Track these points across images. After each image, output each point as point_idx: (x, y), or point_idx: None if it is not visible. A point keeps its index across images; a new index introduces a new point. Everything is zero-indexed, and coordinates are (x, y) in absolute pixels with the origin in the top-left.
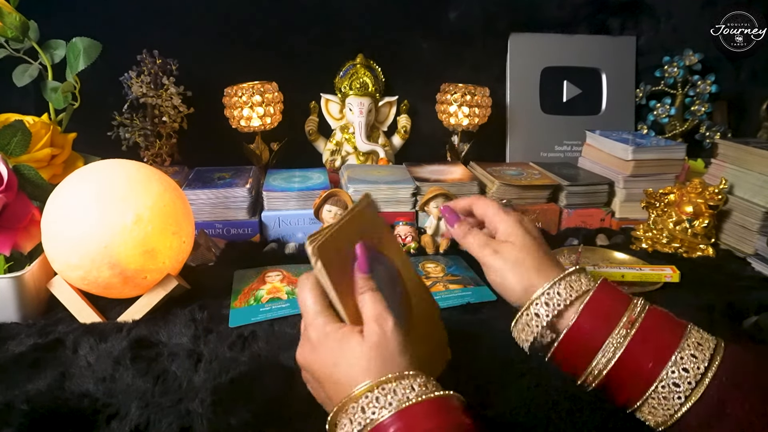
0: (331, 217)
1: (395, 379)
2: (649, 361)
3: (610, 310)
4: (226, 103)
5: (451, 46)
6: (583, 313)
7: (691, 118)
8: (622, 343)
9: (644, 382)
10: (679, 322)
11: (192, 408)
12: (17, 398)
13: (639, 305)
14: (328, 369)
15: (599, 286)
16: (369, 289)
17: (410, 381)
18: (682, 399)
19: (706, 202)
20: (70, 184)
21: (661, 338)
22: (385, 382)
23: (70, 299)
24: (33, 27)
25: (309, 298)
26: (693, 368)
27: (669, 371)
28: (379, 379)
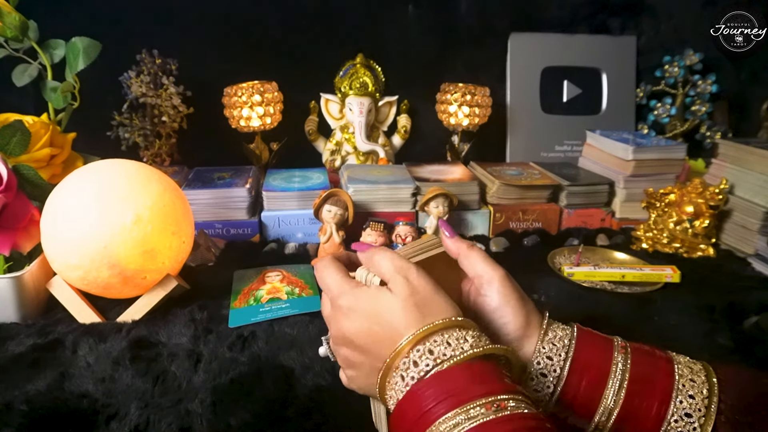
0: (330, 217)
1: (444, 328)
2: (653, 406)
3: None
4: (226, 103)
5: (451, 46)
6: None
7: (692, 118)
8: (618, 398)
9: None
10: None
11: (192, 408)
12: (17, 398)
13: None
14: (367, 331)
15: (578, 338)
16: (382, 250)
17: (462, 332)
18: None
19: (706, 202)
20: (70, 184)
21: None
22: (433, 331)
23: (70, 299)
24: (33, 27)
25: (331, 273)
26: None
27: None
28: (422, 327)
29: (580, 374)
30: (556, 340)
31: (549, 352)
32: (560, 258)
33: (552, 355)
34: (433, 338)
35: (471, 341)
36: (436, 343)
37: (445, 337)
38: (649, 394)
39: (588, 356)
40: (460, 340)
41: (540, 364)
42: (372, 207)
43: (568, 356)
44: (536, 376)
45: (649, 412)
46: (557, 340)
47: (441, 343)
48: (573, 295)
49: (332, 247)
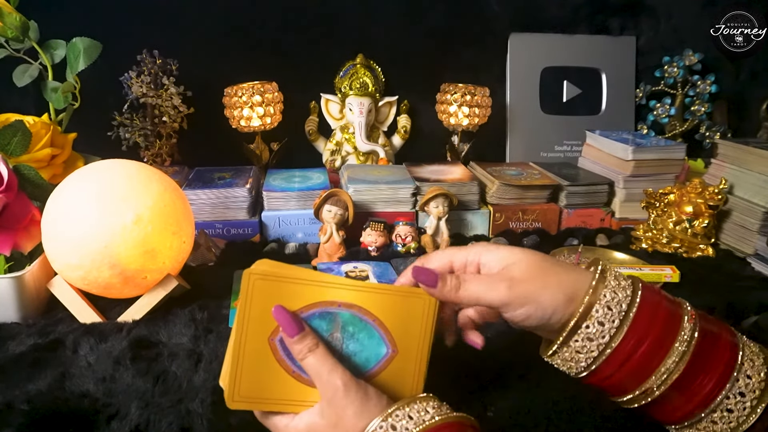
0: (331, 217)
1: (406, 404)
2: (707, 384)
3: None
4: (226, 103)
5: (451, 46)
6: (632, 332)
7: (691, 118)
8: (677, 366)
9: (701, 403)
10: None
11: (192, 408)
12: (17, 398)
13: (689, 320)
14: None
15: (643, 295)
16: (307, 350)
17: (423, 404)
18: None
19: (706, 202)
20: (70, 184)
21: (716, 359)
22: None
23: (70, 299)
24: (33, 27)
25: (265, 422)
26: (749, 392)
27: (726, 395)
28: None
29: (638, 341)
30: (618, 288)
31: (602, 317)
32: (560, 258)
33: (605, 321)
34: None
35: (432, 411)
36: (397, 418)
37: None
38: (709, 368)
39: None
40: (421, 411)
41: (590, 328)
42: (372, 207)
43: (623, 323)
44: (593, 324)
45: (705, 387)
46: (620, 289)
47: (403, 417)
48: None
49: (332, 247)
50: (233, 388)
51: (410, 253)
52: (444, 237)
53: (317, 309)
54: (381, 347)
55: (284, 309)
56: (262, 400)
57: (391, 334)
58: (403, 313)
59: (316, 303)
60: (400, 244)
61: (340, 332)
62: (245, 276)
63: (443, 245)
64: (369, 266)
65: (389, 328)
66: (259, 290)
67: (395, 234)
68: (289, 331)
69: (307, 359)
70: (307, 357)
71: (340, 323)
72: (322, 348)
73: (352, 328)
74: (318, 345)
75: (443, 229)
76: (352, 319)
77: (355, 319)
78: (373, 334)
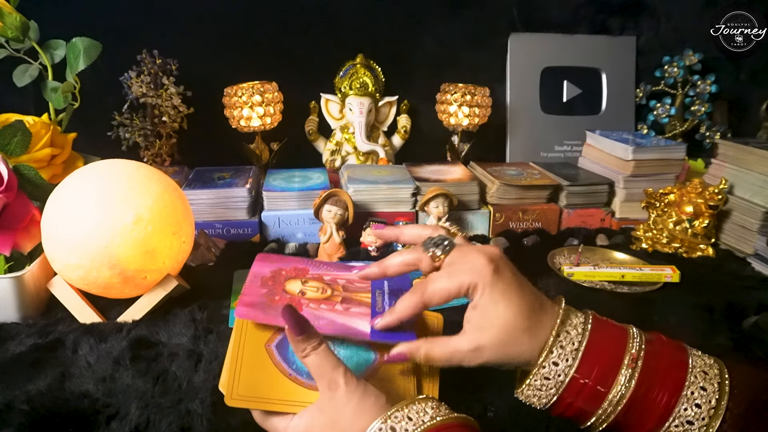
0: (331, 217)
1: (405, 405)
2: (662, 398)
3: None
4: (226, 103)
5: (451, 46)
6: (585, 360)
7: (691, 118)
8: (629, 384)
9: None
10: (680, 356)
11: (192, 408)
12: (17, 398)
13: (637, 339)
14: None
15: (593, 326)
16: (311, 348)
17: (422, 405)
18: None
19: (706, 202)
20: (70, 184)
21: (668, 371)
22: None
23: (70, 299)
24: (33, 27)
25: (264, 423)
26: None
27: (682, 408)
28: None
29: (593, 362)
30: (571, 328)
31: (563, 340)
32: (560, 258)
33: (566, 344)
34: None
35: (431, 412)
36: (396, 419)
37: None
38: (659, 384)
39: (602, 344)
40: (420, 413)
41: (553, 353)
42: (372, 207)
43: (581, 344)
44: (548, 365)
45: (660, 402)
46: (572, 328)
47: (402, 418)
48: (572, 295)
49: (332, 247)
50: (232, 387)
51: None
52: None
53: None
54: (369, 353)
55: (292, 308)
56: (259, 399)
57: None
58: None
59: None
60: (400, 244)
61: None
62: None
63: None
64: None
65: None
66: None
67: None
68: (295, 330)
69: (310, 357)
70: (310, 355)
71: None
72: (325, 346)
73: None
74: (321, 344)
75: None
76: None
77: None
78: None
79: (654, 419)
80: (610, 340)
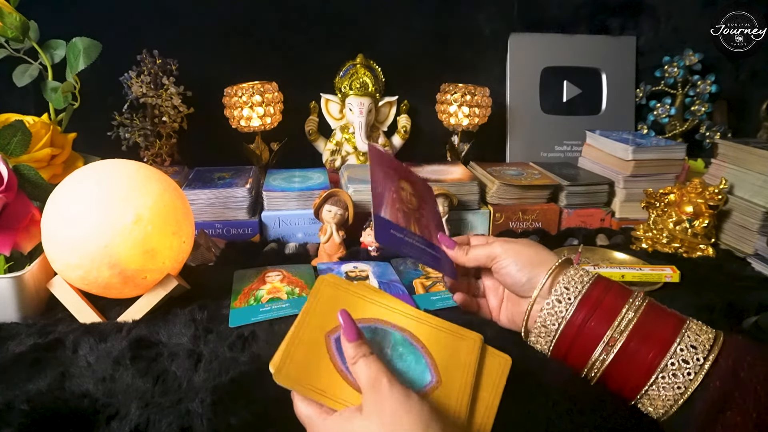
0: (331, 217)
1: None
2: (648, 353)
3: (608, 305)
4: (226, 103)
5: (451, 46)
6: (581, 307)
7: (691, 118)
8: (620, 336)
9: (645, 373)
10: (679, 316)
11: (192, 408)
12: (17, 398)
13: (638, 299)
14: None
15: (595, 280)
16: (361, 355)
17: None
18: (683, 389)
19: (706, 202)
20: (70, 184)
21: (660, 331)
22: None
23: (70, 299)
24: (33, 27)
25: (302, 408)
26: (692, 359)
27: (668, 362)
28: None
29: (590, 310)
30: (571, 285)
31: (560, 296)
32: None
33: (562, 299)
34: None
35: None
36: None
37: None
38: (652, 339)
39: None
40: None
41: (550, 305)
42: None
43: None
44: (552, 302)
45: (647, 355)
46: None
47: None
48: None
49: (332, 247)
50: (283, 365)
51: None
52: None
53: (374, 324)
54: (426, 374)
55: (348, 313)
56: (305, 385)
57: (436, 364)
58: (450, 350)
59: (374, 318)
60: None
61: (391, 349)
62: (318, 279)
63: None
64: (369, 266)
65: (435, 359)
66: (326, 293)
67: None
68: (349, 335)
69: (358, 363)
70: (358, 362)
71: (392, 341)
72: (374, 357)
73: (402, 349)
74: (371, 353)
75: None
76: (402, 341)
77: (406, 342)
78: (420, 360)
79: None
80: (612, 290)
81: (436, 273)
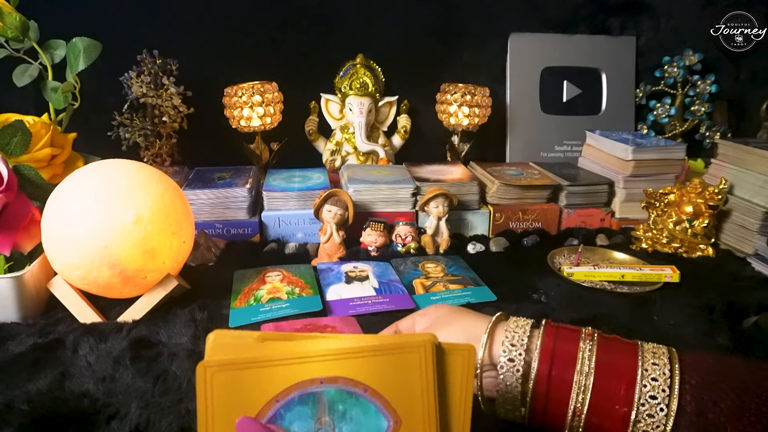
0: (331, 217)
1: None
2: (620, 387)
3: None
4: (226, 103)
5: (451, 46)
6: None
7: (691, 118)
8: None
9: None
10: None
11: (192, 408)
12: (17, 398)
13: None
14: None
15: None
16: None
17: None
18: (665, 410)
19: (706, 202)
20: (71, 184)
21: (621, 362)
22: None
23: (70, 299)
24: (33, 27)
25: None
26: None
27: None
28: None
29: (549, 363)
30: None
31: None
32: (560, 258)
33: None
34: None
35: None
36: None
37: None
38: (615, 377)
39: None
40: None
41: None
42: (372, 207)
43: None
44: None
45: (618, 393)
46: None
47: None
48: (573, 295)
49: (332, 247)
50: None
51: (410, 253)
52: (444, 237)
53: (296, 392)
54: (380, 421)
55: (249, 421)
56: None
57: (389, 402)
58: (398, 374)
59: (292, 386)
60: (400, 244)
61: (328, 414)
62: (200, 370)
63: (443, 245)
64: (369, 266)
65: (385, 395)
66: (220, 385)
67: (395, 234)
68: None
69: None
70: None
71: (327, 403)
72: None
73: (342, 407)
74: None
75: (443, 229)
76: (339, 396)
77: (344, 395)
78: (368, 408)
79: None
80: (561, 333)
81: (436, 273)
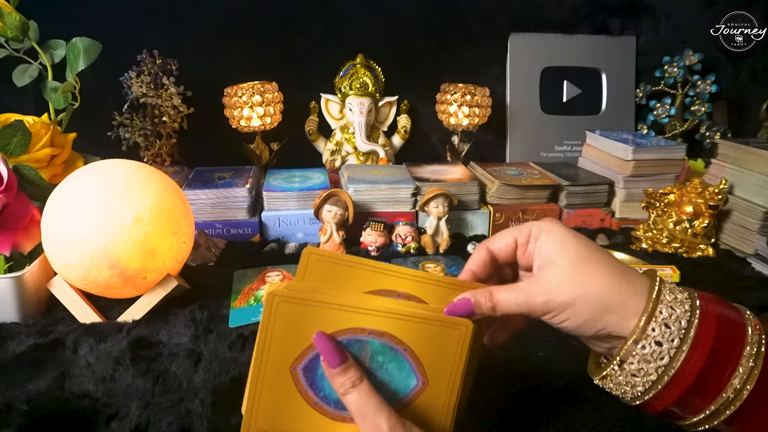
0: (331, 217)
1: None
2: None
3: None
4: (226, 103)
5: (451, 46)
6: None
7: (691, 118)
8: (746, 384)
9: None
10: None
11: (192, 408)
12: (17, 398)
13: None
14: None
15: (702, 309)
16: (351, 385)
17: None
18: None
19: (706, 202)
20: (70, 184)
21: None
22: None
23: (70, 299)
24: (33, 27)
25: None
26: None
27: None
28: None
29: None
30: (671, 321)
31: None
32: None
33: (662, 341)
34: None
35: None
36: None
37: None
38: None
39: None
40: None
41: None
42: (372, 207)
43: (683, 343)
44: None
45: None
46: (672, 321)
47: None
48: None
49: (332, 247)
50: (250, 419)
51: (410, 253)
52: (444, 237)
53: (346, 336)
54: (411, 379)
55: (326, 336)
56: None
57: (422, 364)
58: (437, 343)
59: (344, 330)
60: (400, 244)
61: (369, 362)
62: (268, 298)
63: (443, 245)
64: None
65: (421, 358)
66: (283, 314)
67: (395, 234)
68: (332, 361)
69: (349, 395)
70: (350, 392)
71: (369, 352)
72: (366, 383)
73: (382, 358)
74: (362, 379)
75: (443, 229)
76: (382, 349)
77: (386, 349)
78: (403, 365)
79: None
80: (724, 321)
81: (437, 273)
